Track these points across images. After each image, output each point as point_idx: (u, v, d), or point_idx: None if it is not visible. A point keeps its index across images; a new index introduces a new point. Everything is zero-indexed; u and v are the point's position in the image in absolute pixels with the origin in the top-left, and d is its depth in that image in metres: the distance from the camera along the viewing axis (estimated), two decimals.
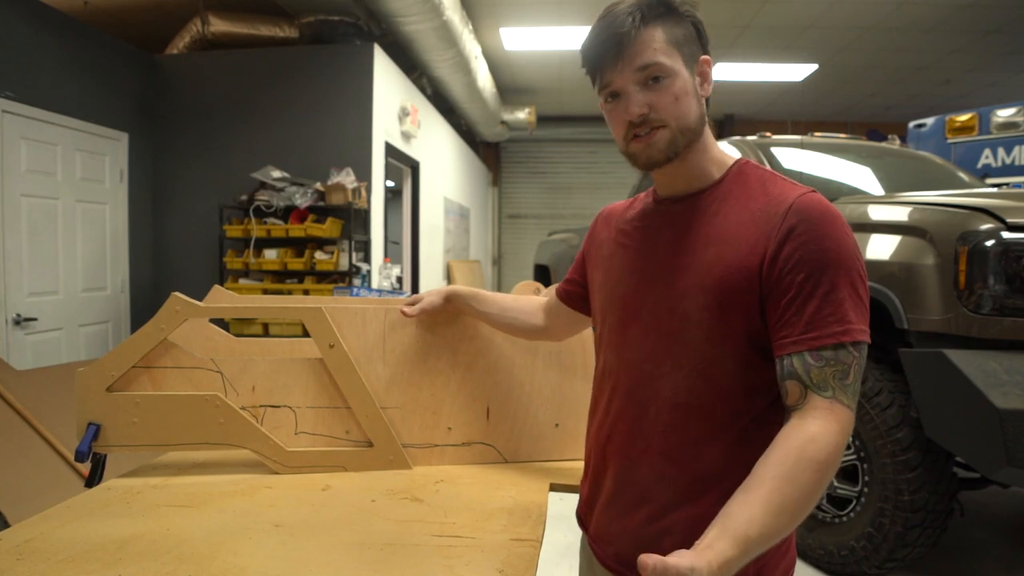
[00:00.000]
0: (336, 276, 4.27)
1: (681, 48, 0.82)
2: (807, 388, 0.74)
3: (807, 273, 0.74)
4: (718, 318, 0.80)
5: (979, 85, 7.36)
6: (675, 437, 0.83)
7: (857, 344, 0.74)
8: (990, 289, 1.94)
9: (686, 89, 0.82)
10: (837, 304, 0.73)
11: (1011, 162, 4.37)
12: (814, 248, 0.75)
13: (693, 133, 0.84)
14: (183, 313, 1.27)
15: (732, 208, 0.83)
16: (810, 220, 0.76)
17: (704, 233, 0.83)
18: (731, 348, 0.80)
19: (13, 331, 3.46)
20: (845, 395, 0.73)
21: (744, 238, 0.79)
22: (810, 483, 0.68)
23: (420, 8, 4.45)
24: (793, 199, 0.78)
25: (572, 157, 10.22)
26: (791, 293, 0.75)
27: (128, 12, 5.12)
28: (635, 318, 0.88)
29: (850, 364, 0.73)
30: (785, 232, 0.76)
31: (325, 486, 1.19)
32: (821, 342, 0.73)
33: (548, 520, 1.07)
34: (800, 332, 0.74)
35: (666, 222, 0.89)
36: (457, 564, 0.88)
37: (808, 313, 0.74)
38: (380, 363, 1.33)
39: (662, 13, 0.82)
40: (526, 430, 1.37)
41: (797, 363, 0.74)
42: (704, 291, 0.80)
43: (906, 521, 2.13)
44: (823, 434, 0.71)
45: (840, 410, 0.72)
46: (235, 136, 4.61)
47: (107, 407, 1.23)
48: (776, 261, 0.76)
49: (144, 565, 0.86)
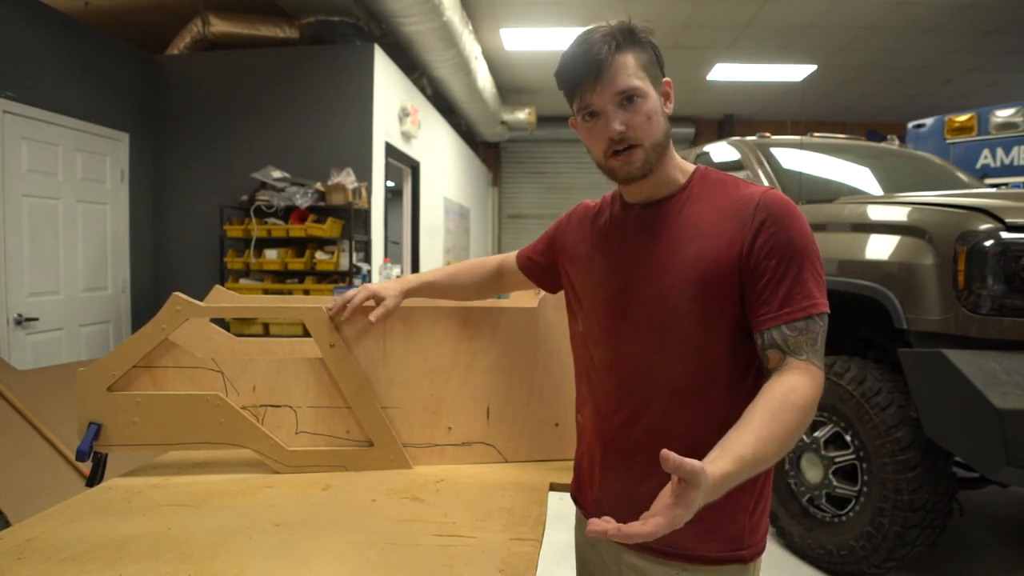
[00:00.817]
0: (336, 276, 4.27)
1: (648, 72, 0.93)
2: (785, 354, 0.86)
3: (778, 259, 0.87)
4: (706, 307, 0.90)
5: (979, 85, 7.36)
6: (675, 416, 0.93)
7: (822, 315, 0.88)
8: (989, 289, 1.94)
9: (655, 108, 0.92)
10: (803, 283, 0.87)
11: (1010, 162, 4.37)
12: (783, 238, 0.88)
13: (662, 148, 0.94)
14: (184, 313, 1.27)
15: (702, 208, 0.94)
16: (776, 214, 0.89)
17: (680, 233, 0.94)
18: (719, 332, 0.91)
19: (14, 331, 3.46)
20: (816, 357, 0.87)
21: (720, 233, 0.91)
22: (792, 422, 0.80)
23: (420, 8, 4.45)
24: (759, 197, 0.91)
25: (572, 157, 10.22)
26: (766, 277, 0.87)
27: (129, 12, 5.12)
28: (623, 316, 0.97)
29: (817, 332, 0.87)
30: (757, 225, 0.89)
31: (325, 485, 1.20)
32: (795, 315, 0.86)
33: (548, 520, 1.08)
34: (777, 309, 0.87)
35: (639, 227, 0.99)
36: (457, 564, 0.88)
37: (782, 292, 0.87)
38: (380, 363, 1.33)
39: (632, 40, 0.92)
40: (526, 430, 1.37)
41: (776, 335, 0.87)
42: (691, 284, 0.90)
43: (905, 521, 2.13)
44: (802, 385, 0.83)
45: (814, 369, 0.86)
46: (236, 136, 4.61)
47: (108, 406, 1.23)
48: (752, 251, 0.88)
49: (145, 564, 0.87)
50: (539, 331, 1.39)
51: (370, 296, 1.27)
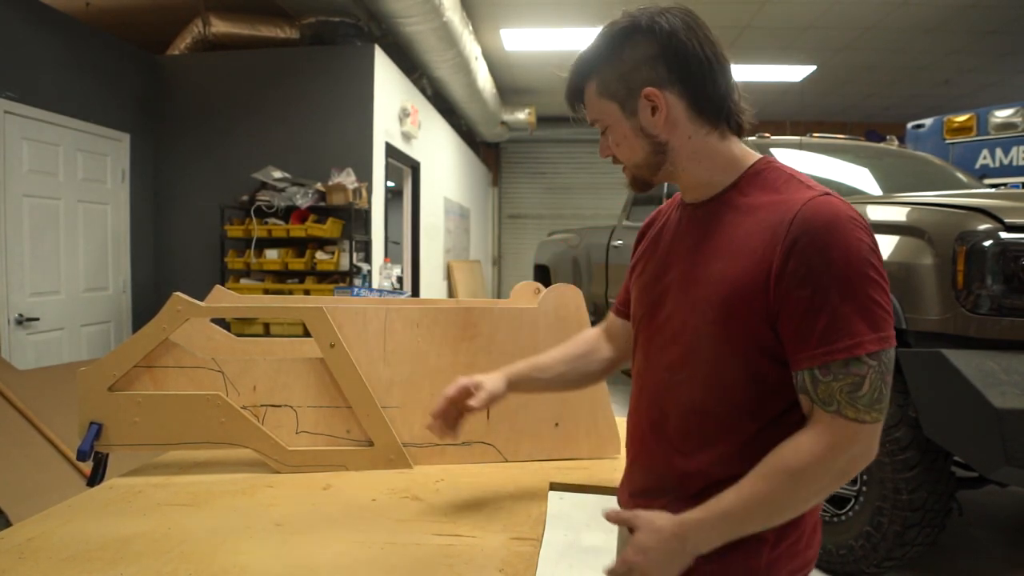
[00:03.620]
0: (337, 276, 4.27)
1: (615, 94, 0.86)
2: (813, 403, 0.76)
3: (813, 288, 0.74)
4: (725, 331, 0.81)
5: (978, 85, 7.36)
6: (692, 440, 0.86)
7: (874, 355, 0.73)
8: (988, 289, 1.94)
9: (623, 134, 0.87)
10: (845, 318, 0.73)
11: (1009, 162, 4.37)
12: (818, 262, 0.74)
13: (650, 166, 0.88)
14: (184, 313, 1.28)
15: (743, 217, 0.83)
16: (814, 232, 0.75)
17: (714, 244, 0.84)
18: (740, 359, 0.81)
19: (15, 331, 3.47)
20: (853, 408, 0.74)
21: (750, 251, 0.79)
22: (781, 484, 0.75)
23: (420, 9, 4.45)
24: (798, 208, 0.77)
25: (572, 157, 10.22)
26: (800, 308, 0.75)
27: (129, 13, 5.12)
28: (660, 327, 0.91)
29: (863, 375, 0.73)
30: (789, 246, 0.76)
31: (326, 485, 1.20)
32: (831, 357, 0.74)
33: (548, 520, 1.08)
34: (812, 347, 0.75)
35: (687, 229, 0.91)
36: (457, 563, 0.89)
37: (819, 329, 0.74)
38: (380, 363, 1.33)
39: (603, 57, 0.86)
40: (526, 430, 1.37)
41: (807, 378, 0.76)
42: (711, 306, 0.82)
43: (905, 520, 2.13)
44: (807, 444, 0.75)
45: (840, 424, 0.74)
46: (236, 136, 4.61)
47: (109, 406, 1.23)
48: (783, 277, 0.76)
49: (146, 564, 0.87)
50: (539, 331, 1.39)
51: (466, 388, 1.07)
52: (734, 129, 0.87)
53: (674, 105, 0.84)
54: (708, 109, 0.85)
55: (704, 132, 0.85)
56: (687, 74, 0.83)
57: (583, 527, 2.71)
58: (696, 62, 0.82)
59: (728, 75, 0.85)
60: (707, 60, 0.83)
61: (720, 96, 0.84)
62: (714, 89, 0.84)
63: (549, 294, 1.41)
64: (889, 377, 0.76)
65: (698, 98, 0.84)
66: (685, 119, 0.84)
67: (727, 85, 0.85)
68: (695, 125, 0.85)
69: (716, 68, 0.83)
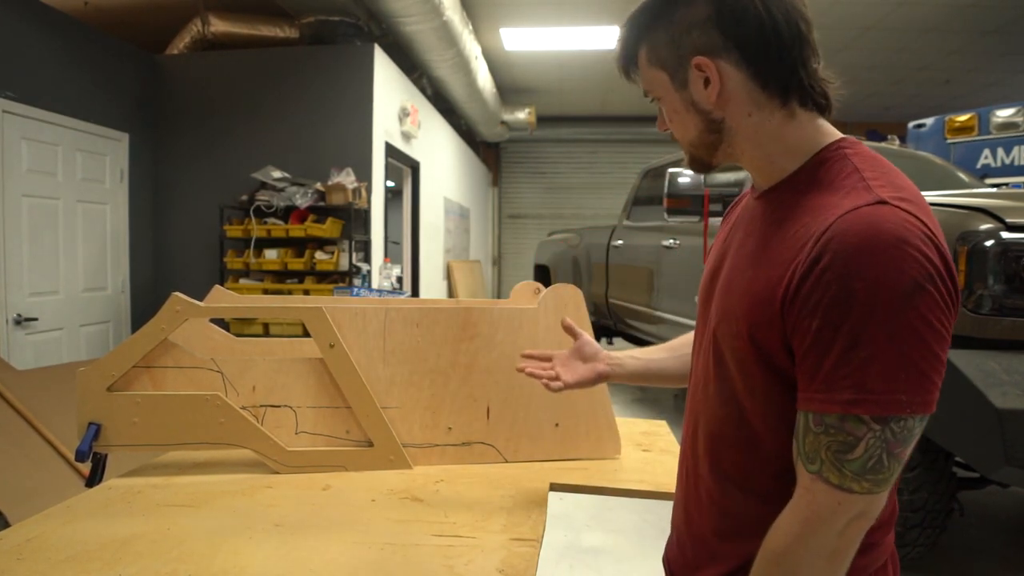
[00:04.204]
0: (336, 276, 4.27)
1: (665, 63, 0.75)
2: (798, 455, 0.65)
3: (824, 320, 0.60)
4: (747, 349, 0.70)
5: (979, 85, 7.36)
6: (712, 466, 0.78)
7: (881, 419, 0.59)
8: (989, 289, 1.94)
9: (675, 108, 0.76)
10: (858, 365, 0.59)
11: (1010, 162, 4.37)
12: (838, 289, 0.59)
13: (705, 145, 0.76)
14: (184, 313, 1.27)
15: (789, 217, 0.70)
16: (842, 250, 0.60)
17: (755, 246, 0.73)
18: (760, 384, 0.70)
19: (14, 331, 3.46)
20: (837, 472, 0.61)
21: (778, 262, 0.67)
22: (764, 573, 0.66)
23: (420, 8, 4.45)
24: (833, 219, 0.62)
25: (572, 157, 10.23)
26: (809, 340, 0.62)
27: (128, 12, 5.12)
28: (703, 330, 0.82)
29: (860, 437, 0.60)
30: (808, 265, 0.62)
31: (325, 486, 1.20)
32: (826, 407, 0.61)
33: (548, 520, 1.08)
34: (813, 389, 0.62)
35: (749, 218, 0.79)
36: (457, 564, 0.88)
37: (824, 369, 0.61)
38: (380, 363, 1.33)
39: (654, 17, 0.75)
40: (526, 430, 1.37)
41: (801, 422, 0.64)
42: (736, 318, 0.71)
43: (905, 521, 2.13)
44: (785, 519, 0.65)
45: (820, 491, 0.62)
46: (235, 136, 4.61)
47: (108, 407, 1.23)
48: (795, 300, 0.63)
49: (145, 565, 0.87)
50: (539, 331, 1.39)
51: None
52: (810, 106, 0.73)
53: (730, 77, 0.71)
54: (773, 83, 0.71)
55: (768, 109, 0.72)
56: (746, 40, 0.70)
57: (583, 528, 2.70)
58: (758, 26, 0.69)
59: (804, 42, 0.71)
60: (773, 24, 0.69)
61: (789, 67, 0.70)
62: (781, 59, 0.70)
63: (549, 294, 1.41)
64: (899, 449, 0.61)
65: (761, 69, 0.71)
66: (744, 93, 0.72)
67: (801, 54, 0.70)
68: (756, 101, 0.72)
69: (786, 33, 0.69)
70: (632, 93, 9.45)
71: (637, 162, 8.97)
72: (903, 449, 0.61)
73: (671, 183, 3.33)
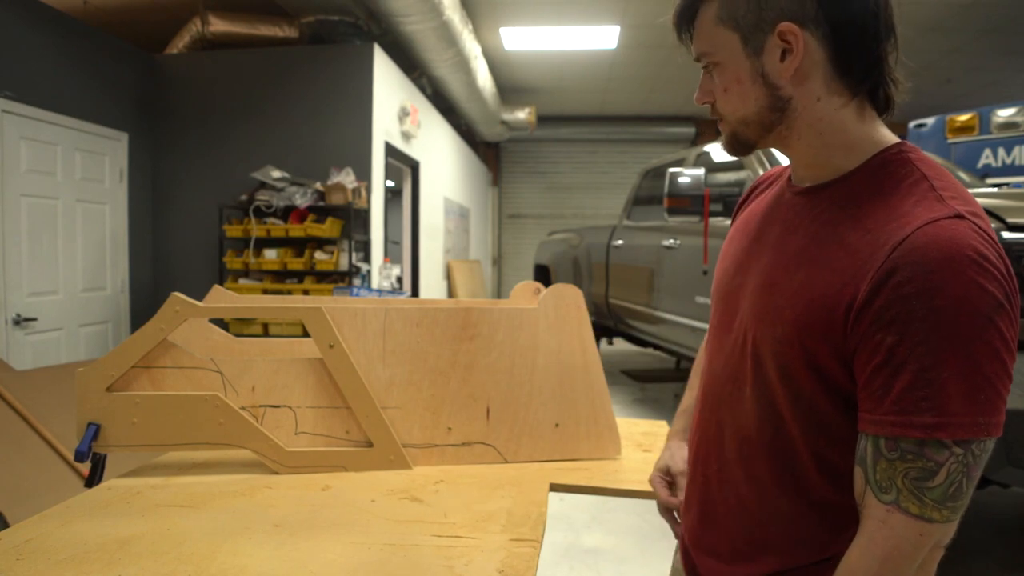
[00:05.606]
0: (336, 276, 4.27)
1: (740, 22, 0.66)
2: (867, 484, 0.60)
3: (900, 336, 0.56)
4: (793, 355, 0.66)
5: (980, 85, 7.36)
6: (741, 470, 0.74)
7: (963, 442, 0.56)
8: None
9: (737, 77, 0.68)
10: (937, 387, 0.55)
11: (1011, 162, 4.37)
12: (917, 305, 0.56)
13: (762, 124, 0.69)
14: (183, 313, 1.27)
15: (847, 219, 0.65)
16: (921, 266, 0.56)
17: (805, 246, 0.68)
18: (806, 392, 0.66)
19: (13, 331, 3.46)
20: (916, 502, 0.57)
21: (840, 269, 0.62)
22: None
23: (420, 8, 4.45)
24: (913, 228, 0.58)
25: (572, 157, 10.23)
26: (879, 358, 0.58)
27: (128, 12, 5.12)
28: (728, 327, 0.77)
29: (941, 463, 0.56)
30: (882, 277, 0.58)
31: (325, 486, 1.19)
32: (904, 431, 0.57)
33: (548, 520, 1.07)
34: (884, 411, 0.58)
35: (783, 215, 0.74)
36: (457, 564, 0.88)
37: (897, 390, 0.57)
38: (380, 363, 1.33)
39: None
40: (526, 430, 1.37)
41: (869, 448, 0.60)
42: (783, 322, 0.66)
43: None
44: (858, 560, 0.60)
45: (898, 523, 0.58)
46: (235, 136, 4.61)
47: (107, 407, 1.23)
48: (865, 312, 0.59)
49: (144, 565, 0.86)
50: (539, 331, 1.38)
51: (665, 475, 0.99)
52: (877, 104, 0.69)
53: (812, 52, 0.65)
54: (855, 69, 0.66)
55: (839, 97, 0.67)
56: (844, 18, 0.64)
57: (583, 528, 2.70)
58: (860, 4, 0.64)
59: (892, 34, 0.67)
60: (875, 7, 0.65)
61: (875, 58, 0.66)
62: (870, 47, 0.65)
63: (549, 294, 1.41)
64: (977, 473, 0.58)
65: (846, 51, 0.65)
66: (821, 74, 0.66)
67: (882, 48, 0.66)
68: (830, 85, 0.67)
69: (883, 20, 0.65)
70: (632, 93, 9.39)
71: (637, 162, 8.98)
72: (979, 473, 0.59)
73: (671, 183, 3.33)
